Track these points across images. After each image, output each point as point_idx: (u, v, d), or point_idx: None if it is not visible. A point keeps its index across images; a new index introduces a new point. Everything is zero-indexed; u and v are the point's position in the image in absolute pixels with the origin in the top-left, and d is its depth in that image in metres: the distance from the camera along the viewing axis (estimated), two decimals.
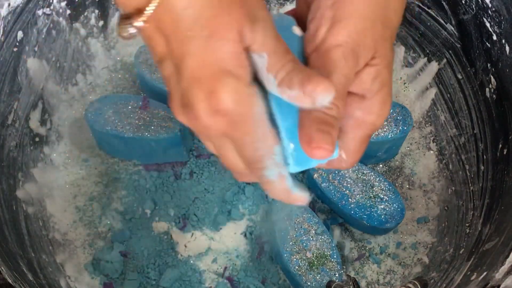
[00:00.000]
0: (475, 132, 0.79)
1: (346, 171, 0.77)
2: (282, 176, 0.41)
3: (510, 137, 0.72)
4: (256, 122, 0.38)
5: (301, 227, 0.74)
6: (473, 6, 0.75)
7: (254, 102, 0.38)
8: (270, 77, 0.38)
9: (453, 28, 0.80)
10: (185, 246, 0.77)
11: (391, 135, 0.78)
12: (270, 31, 0.37)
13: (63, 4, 0.79)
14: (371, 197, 0.76)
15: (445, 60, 0.83)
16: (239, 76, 0.36)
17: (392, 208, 0.76)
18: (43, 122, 0.80)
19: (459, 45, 0.80)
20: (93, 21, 0.85)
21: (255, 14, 0.37)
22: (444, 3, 0.79)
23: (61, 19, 0.80)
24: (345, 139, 0.46)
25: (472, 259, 0.69)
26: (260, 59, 0.37)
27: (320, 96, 0.36)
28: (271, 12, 0.93)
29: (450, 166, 0.83)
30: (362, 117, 0.44)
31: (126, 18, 0.37)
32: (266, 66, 0.37)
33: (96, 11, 0.84)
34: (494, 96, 0.75)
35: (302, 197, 0.43)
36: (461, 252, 0.74)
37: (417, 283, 0.61)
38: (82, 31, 0.84)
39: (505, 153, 0.72)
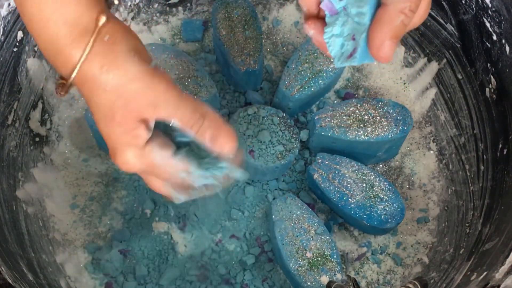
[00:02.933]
0: (475, 132, 0.79)
1: (346, 171, 0.77)
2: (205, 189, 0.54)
3: (510, 137, 0.72)
4: (161, 165, 0.50)
5: (301, 227, 0.74)
6: (473, 6, 0.75)
7: (152, 155, 0.49)
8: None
9: (453, 28, 0.80)
10: (185, 246, 0.77)
11: (391, 135, 0.78)
12: (172, 106, 0.47)
13: None
14: (371, 197, 0.76)
15: (445, 60, 0.83)
16: (134, 144, 0.47)
17: (392, 208, 0.76)
18: (43, 122, 0.80)
19: (459, 45, 0.80)
20: None
21: (156, 102, 0.46)
22: (444, 3, 0.79)
23: None
24: None
25: (472, 259, 0.69)
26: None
27: (225, 153, 0.49)
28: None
29: (450, 166, 0.83)
30: None
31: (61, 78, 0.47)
32: (179, 126, 0.48)
33: None
34: (494, 96, 0.75)
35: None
36: (461, 252, 0.74)
37: (417, 283, 0.61)
38: None
39: (505, 153, 0.72)
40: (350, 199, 0.76)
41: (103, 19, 0.45)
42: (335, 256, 0.72)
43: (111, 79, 0.45)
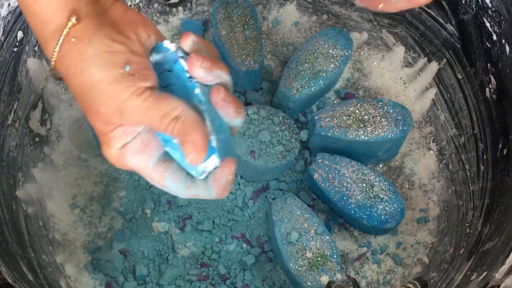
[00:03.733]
0: (475, 132, 0.79)
1: (346, 171, 0.77)
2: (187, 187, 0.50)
3: (510, 137, 0.72)
4: (137, 171, 0.49)
5: (301, 227, 0.74)
6: (473, 6, 0.75)
7: (124, 160, 0.48)
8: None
9: (453, 28, 0.80)
10: (185, 246, 0.77)
11: (391, 135, 0.78)
12: (138, 113, 0.45)
13: None
14: (371, 197, 0.76)
15: (445, 60, 0.83)
16: (109, 145, 0.48)
17: (392, 208, 0.76)
18: (43, 122, 0.80)
19: (459, 45, 0.80)
20: None
21: (120, 109, 0.45)
22: (444, 3, 0.79)
23: None
24: None
25: (472, 259, 0.69)
26: None
27: (190, 160, 0.46)
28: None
29: (450, 166, 0.83)
30: None
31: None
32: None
33: None
34: (494, 96, 0.75)
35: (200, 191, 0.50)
36: (461, 252, 0.74)
37: (417, 283, 0.61)
38: None
39: (505, 153, 0.72)
40: (350, 199, 0.76)
41: (72, 19, 0.45)
42: (335, 256, 0.72)
43: (76, 82, 0.46)
